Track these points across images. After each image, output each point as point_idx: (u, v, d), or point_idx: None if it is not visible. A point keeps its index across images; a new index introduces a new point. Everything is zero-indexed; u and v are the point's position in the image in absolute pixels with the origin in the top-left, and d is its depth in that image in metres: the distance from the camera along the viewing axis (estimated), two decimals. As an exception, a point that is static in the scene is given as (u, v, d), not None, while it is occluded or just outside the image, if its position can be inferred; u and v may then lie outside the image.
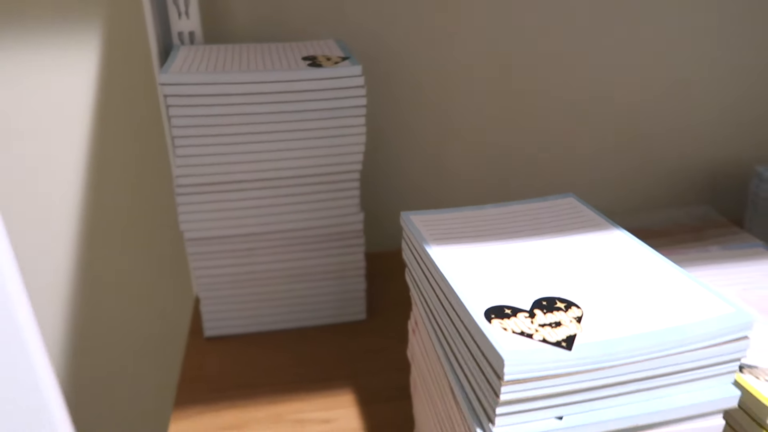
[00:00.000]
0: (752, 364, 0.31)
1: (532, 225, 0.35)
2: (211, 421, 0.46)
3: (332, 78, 0.46)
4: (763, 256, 0.41)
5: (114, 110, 0.61)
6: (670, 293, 0.28)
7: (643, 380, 0.26)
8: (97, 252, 0.66)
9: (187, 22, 0.56)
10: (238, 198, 0.49)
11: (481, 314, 0.27)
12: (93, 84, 0.59)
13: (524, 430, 0.25)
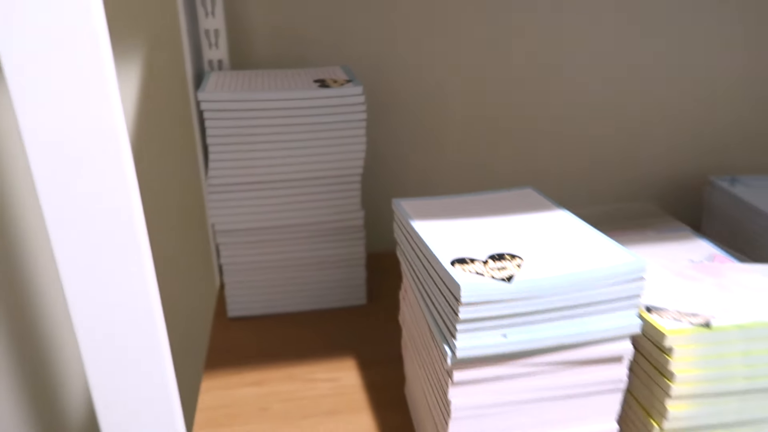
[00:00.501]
0: (660, 307, 0.40)
1: (495, 206, 0.45)
2: (236, 380, 0.55)
3: (338, 96, 0.57)
4: (689, 238, 0.50)
5: (156, 123, 0.71)
6: (590, 249, 0.38)
7: (566, 309, 0.35)
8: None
9: (216, 52, 0.67)
10: (259, 196, 0.59)
11: (448, 262, 0.36)
12: (141, 101, 0.70)
13: (477, 344, 0.35)
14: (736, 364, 0.38)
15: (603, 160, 0.82)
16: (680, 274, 0.44)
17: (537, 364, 0.36)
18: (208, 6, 0.65)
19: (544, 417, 0.39)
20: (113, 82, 0.25)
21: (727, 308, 0.39)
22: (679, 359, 0.38)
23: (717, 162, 0.86)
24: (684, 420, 0.39)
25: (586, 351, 0.37)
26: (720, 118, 0.83)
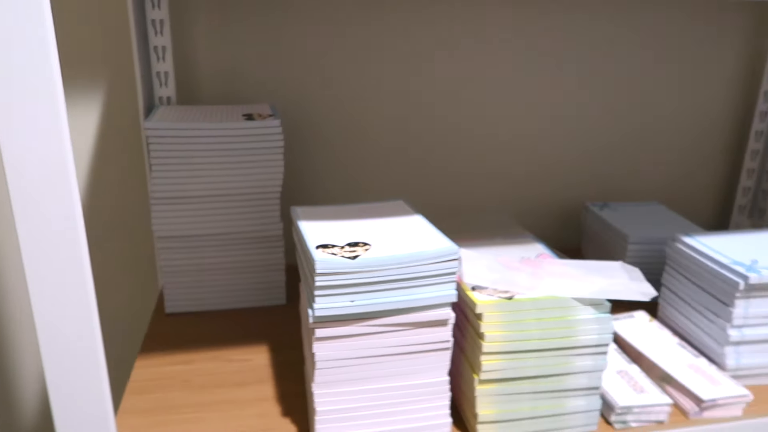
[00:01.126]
0: (482, 286, 0.52)
1: (368, 212, 0.58)
2: (165, 360, 0.66)
3: (259, 128, 0.70)
4: (528, 243, 0.64)
5: (113, 148, 0.83)
6: (422, 239, 0.50)
7: (398, 281, 0.48)
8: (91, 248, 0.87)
9: (166, 90, 0.80)
10: (193, 208, 0.71)
11: (314, 246, 0.49)
12: (102, 130, 0.82)
13: (331, 306, 0.47)
14: (532, 328, 0.51)
15: (501, 191, 0.96)
16: (508, 266, 0.57)
17: (379, 324, 0.49)
18: (160, 52, 0.78)
19: (389, 370, 0.51)
20: (64, 123, 0.38)
21: (532, 287, 0.52)
22: (488, 323, 0.50)
23: (604, 190, 1.00)
24: (495, 372, 0.51)
25: (416, 315, 0.49)
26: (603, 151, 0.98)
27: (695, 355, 0.64)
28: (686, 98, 0.99)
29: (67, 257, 0.41)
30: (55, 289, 0.41)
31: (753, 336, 0.61)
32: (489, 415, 0.53)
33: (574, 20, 0.90)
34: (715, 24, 0.95)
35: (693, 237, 0.69)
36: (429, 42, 0.87)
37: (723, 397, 0.57)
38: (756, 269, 0.60)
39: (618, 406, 0.56)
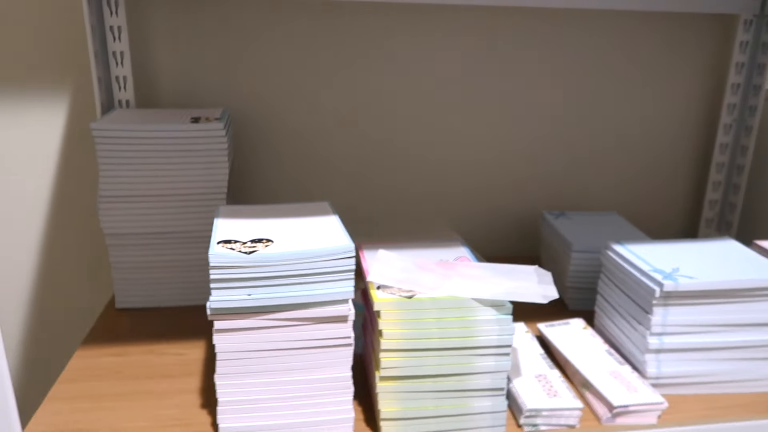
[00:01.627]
0: (387, 285, 0.54)
1: (289, 211, 0.59)
2: (102, 352, 0.68)
3: (202, 131, 0.72)
4: (454, 247, 0.64)
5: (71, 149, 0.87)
6: (325, 237, 0.52)
7: (295, 276, 0.49)
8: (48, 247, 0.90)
9: (125, 93, 0.83)
10: (140, 207, 0.74)
11: (216, 242, 0.51)
12: (67, 130, 0.86)
13: (227, 299, 0.49)
14: (432, 327, 0.52)
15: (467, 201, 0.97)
16: (421, 267, 0.58)
17: (278, 318, 0.50)
18: (118, 57, 0.82)
19: (292, 364, 0.52)
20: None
21: (435, 287, 0.53)
22: (386, 320, 0.51)
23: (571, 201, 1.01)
24: (395, 369, 0.52)
25: (314, 311, 0.50)
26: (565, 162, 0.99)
27: (620, 362, 0.64)
28: (651, 111, 0.99)
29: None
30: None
31: (673, 344, 0.61)
32: (391, 412, 0.54)
33: (543, 32, 0.91)
34: (679, 37, 0.96)
35: (623, 245, 0.69)
36: (387, 49, 0.89)
37: (636, 403, 0.57)
38: (673, 277, 0.60)
39: (526, 408, 0.56)
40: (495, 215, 1.00)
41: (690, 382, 0.62)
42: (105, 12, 0.80)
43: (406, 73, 0.91)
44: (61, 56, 0.83)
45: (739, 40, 0.95)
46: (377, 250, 0.61)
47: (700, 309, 0.60)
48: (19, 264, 0.90)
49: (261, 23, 0.86)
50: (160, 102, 0.88)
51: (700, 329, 0.61)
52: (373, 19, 0.88)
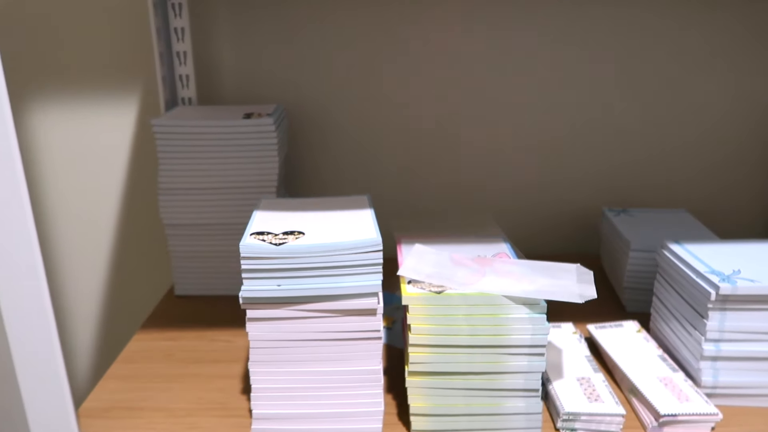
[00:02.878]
0: (418, 280, 0.53)
1: (327, 205, 0.60)
2: (157, 336, 0.72)
3: (253, 126, 0.74)
4: (496, 242, 0.63)
5: (138, 145, 0.92)
6: (355, 231, 0.52)
7: (323, 269, 0.50)
8: (117, 238, 0.96)
9: (187, 91, 0.87)
10: (197, 199, 0.77)
11: (249, 234, 0.52)
12: (137, 128, 0.91)
13: (258, 289, 0.50)
14: (461, 323, 0.51)
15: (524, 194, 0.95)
16: (457, 262, 0.57)
17: (307, 309, 0.51)
18: (182, 56, 0.86)
19: (322, 354, 0.53)
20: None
21: (467, 283, 0.52)
22: (414, 315, 0.51)
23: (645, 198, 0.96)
24: (423, 365, 0.52)
25: (342, 303, 0.51)
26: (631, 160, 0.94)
27: (673, 369, 0.60)
28: (729, 99, 0.92)
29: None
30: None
31: (730, 352, 0.56)
32: (421, 408, 0.53)
33: (609, 18, 0.87)
34: (762, 19, 0.88)
35: (681, 244, 0.64)
36: (438, 45, 0.88)
37: (686, 413, 0.54)
38: (731, 280, 0.55)
39: (563, 411, 0.54)
40: (554, 211, 0.96)
41: (749, 393, 0.57)
42: (170, 14, 0.84)
43: (456, 66, 0.89)
44: (130, 57, 0.89)
45: (833, 22, 0.86)
46: (415, 244, 0.61)
47: (762, 315, 0.55)
48: (92, 254, 0.97)
49: (316, 22, 0.87)
50: (221, 99, 0.91)
51: (761, 336, 0.56)
52: (423, 11, 0.87)
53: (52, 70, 0.89)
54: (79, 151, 0.92)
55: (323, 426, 0.54)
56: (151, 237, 0.97)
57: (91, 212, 0.95)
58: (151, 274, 0.98)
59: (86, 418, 0.57)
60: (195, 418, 0.58)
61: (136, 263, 0.98)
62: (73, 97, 0.90)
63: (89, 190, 0.94)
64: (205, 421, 0.57)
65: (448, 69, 0.89)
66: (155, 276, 0.98)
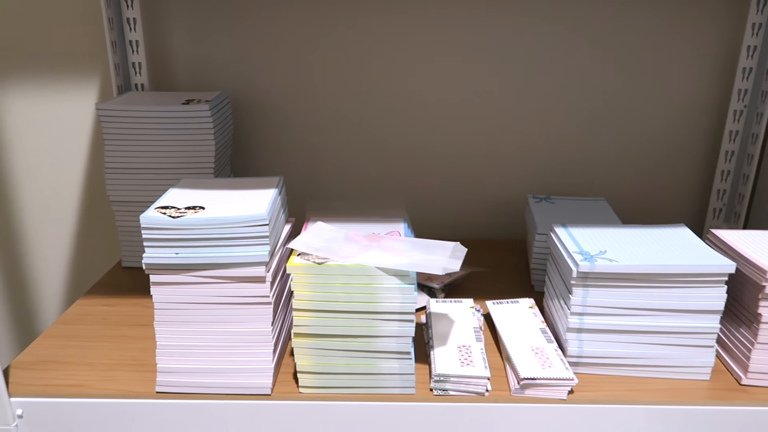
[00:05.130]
0: (307, 252, 0.59)
1: (234, 185, 0.66)
2: (97, 302, 0.79)
3: (189, 111, 0.81)
4: (395, 222, 0.69)
5: (92, 126, 0.99)
6: (250, 206, 0.58)
7: (215, 239, 0.56)
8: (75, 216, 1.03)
9: (140, 78, 0.94)
10: (141, 178, 0.84)
11: (154, 207, 0.58)
12: (94, 111, 0.98)
13: (158, 256, 0.56)
14: (339, 291, 0.57)
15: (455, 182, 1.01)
16: (350, 238, 0.63)
17: (203, 276, 0.58)
18: (134, 45, 0.92)
19: (218, 317, 0.59)
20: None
21: (349, 257, 0.58)
22: (297, 282, 0.57)
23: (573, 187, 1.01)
24: (306, 327, 0.58)
25: (233, 271, 0.57)
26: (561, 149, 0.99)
27: (549, 340, 0.66)
28: (658, 96, 0.96)
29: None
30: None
31: (593, 325, 0.62)
32: (306, 366, 0.60)
33: (536, 17, 0.92)
34: (689, 19, 0.92)
35: (565, 228, 0.70)
36: (392, 41, 0.94)
37: (544, 377, 0.60)
38: (593, 259, 0.61)
39: (435, 373, 0.60)
40: (488, 199, 1.02)
41: (611, 363, 0.63)
42: (122, 5, 0.91)
43: (390, 58, 0.95)
44: (90, 46, 0.95)
45: (751, 22, 0.90)
46: (318, 222, 0.67)
47: (620, 292, 0.61)
48: (53, 228, 1.04)
49: (267, 12, 0.93)
50: (175, 86, 0.98)
51: (619, 311, 0.61)
52: (357, 6, 0.92)
53: (17, 59, 0.95)
54: (43, 133, 0.99)
55: (220, 380, 0.60)
56: (107, 213, 1.04)
57: (55, 189, 1.02)
58: (105, 246, 1.06)
59: (16, 369, 0.65)
60: (113, 372, 0.65)
61: (93, 237, 1.05)
62: (37, 83, 0.97)
63: (53, 169, 1.01)
64: (121, 374, 0.64)
65: (380, 61, 0.95)
66: (110, 249, 1.05)
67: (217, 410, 0.61)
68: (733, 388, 0.62)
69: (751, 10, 0.89)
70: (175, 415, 0.61)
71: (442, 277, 0.82)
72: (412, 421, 0.60)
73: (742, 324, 0.63)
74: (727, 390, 0.62)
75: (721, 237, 0.67)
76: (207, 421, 0.61)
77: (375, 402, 0.60)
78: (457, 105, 0.97)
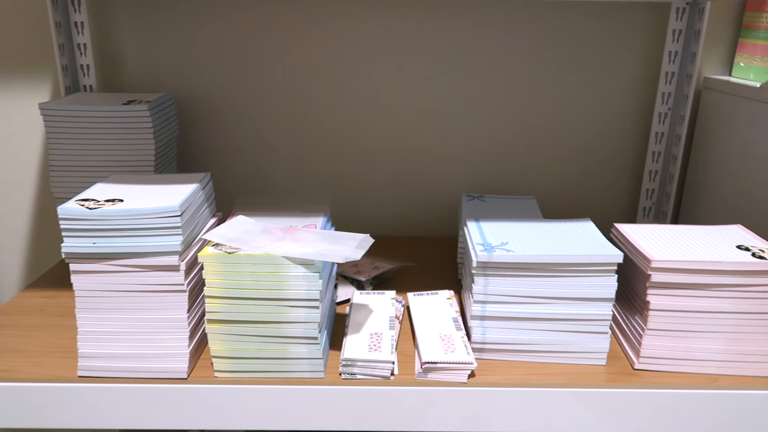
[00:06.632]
0: (221, 243, 0.63)
1: (157, 180, 0.70)
2: (40, 293, 0.82)
3: (129, 112, 0.84)
4: (315, 217, 0.72)
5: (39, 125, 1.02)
6: (165, 199, 0.62)
7: (129, 230, 0.60)
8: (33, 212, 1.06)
9: (88, 79, 0.97)
10: (84, 176, 0.87)
11: (74, 200, 0.62)
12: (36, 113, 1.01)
13: (76, 245, 0.60)
14: (248, 279, 0.61)
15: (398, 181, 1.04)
16: (266, 231, 0.66)
17: (120, 264, 0.61)
18: (82, 48, 0.96)
19: (135, 304, 0.62)
20: None
21: (260, 247, 0.62)
22: (209, 271, 0.61)
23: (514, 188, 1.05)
24: (218, 314, 0.61)
25: (148, 260, 0.61)
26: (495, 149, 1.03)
27: (458, 328, 0.69)
28: (589, 100, 1.01)
29: None
30: None
31: (494, 312, 0.66)
32: (220, 351, 0.63)
33: (477, 23, 0.96)
34: (614, 25, 0.97)
35: (477, 222, 0.74)
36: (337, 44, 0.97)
37: (444, 361, 0.63)
38: (492, 249, 0.65)
39: (343, 357, 0.64)
40: (431, 199, 1.06)
41: (513, 349, 0.67)
42: (70, 9, 0.94)
43: (334, 60, 0.99)
44: (41, 48, 0.98)
45: (672, 29, 0.95)
46: (239, 215, 0.70)
47: (518, 281, 0.65)
48: (7, 224, 1.07)
49: (215, 15, 0.97)
50: (125, 87, 1.01)
51: (518, 299, 0.65)
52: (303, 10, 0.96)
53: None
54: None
55: (138, 364, 0.64)
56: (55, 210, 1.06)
57: (8, 187, 1.05)
58: (52, 242, 1.09)
59: (-52, 355, 0.68)
60: (41, 358, 0.68)
61: (40, 233, 1.08)
62: (-11, 83, 1.00)
63: (5, 168, 1.04)
64: (49, 360, 0.67)
65: (325, 62, 0.99)
66: (57, 245, 1.08)
67: (136, 393, 0.64)
68: (627, 372, 0.66)
69: (672, 17, 0.94)
70: (95, 398, 0.64)
71: (370, 270, 0.85)
72: (321, 403, 0.64)
73: (636, 311, 0.67)
74: (620, 374, 0.66)
75: (621, 230, 0.71)
76: (127, 404, 0.64)
77: (285, 386, 0.63)
78: (400, 106, 1.01)
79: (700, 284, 0.63)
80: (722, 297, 0.63)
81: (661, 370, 0.66)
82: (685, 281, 0.63)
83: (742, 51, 0.95)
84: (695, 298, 0.63)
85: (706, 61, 0.99)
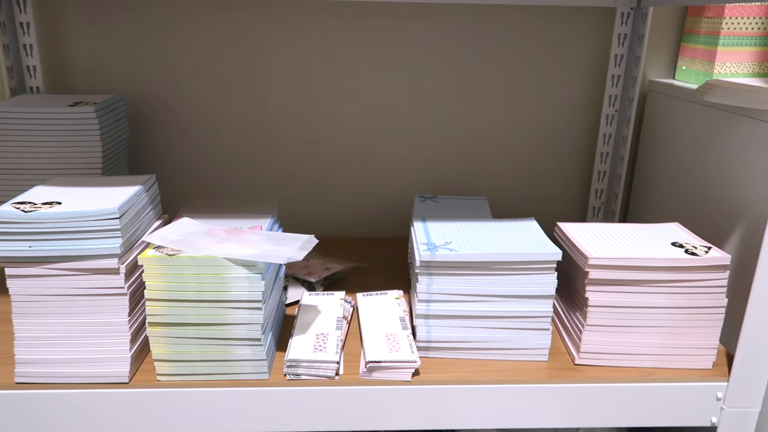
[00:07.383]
0: (161, 245, 0.62)
1: (100, 182, 0.69)
2: None
3: (74, 113, 0.83)
4: (262, 218, 0.72)
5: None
6: (105, 201, 0.61)
7: (65, 233, 0.59)
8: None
9: (35, 81, 0.95)
10: (31, 178, 0.85)
11: (9, 204, 0.61)
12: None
13: (11, 249, 0.59)
14: (190, 281, 0.60)
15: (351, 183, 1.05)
16: (210, 233, 0.66)
17: (57, 268, 0.60)
18: (28, 49, 0.94)
19: (74, 308, 0.61)
20: None
21: (202, 249, 0.61)
22: (149, 273, 0.60)
23: (466, 188, 1.06)
24: (159, 317, 0.61)
25: (86, 263, 0.60)
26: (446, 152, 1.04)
27: (404, 327, 0.70)
28: (540, 102, 1.03)
29: None
30: None
31: (438, 311, 0.67)
32: (162, 354, 0.63)
33: (428, 26, 0.97)
34: (563, 30, 0.99)
35: (424, 222, 0.75)
36: (289, 45, 0.97)
37: (388, 360, 0.64)
38: (435, 249, 0.66)
39: (287, 358, 0.64)
40: (384, 201, 1.06)
41: (458, 347, 0.68)
42: (15, 10, 0.92)
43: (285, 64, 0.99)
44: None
45: (617, 33, 0.97)
46: (184, 217, 0.70)
47: (460, 279, 0.66)
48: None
49: (165, 16, 0.96)
50: (74, 89, 0.99)
51: (461, 298, 0.66)
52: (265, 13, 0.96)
53: None
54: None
55: (79, 369, 0.63)
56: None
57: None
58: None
59: None
60: (-21, 365, 0.66)
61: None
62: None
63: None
64: (-14, 367, 0.66)
65: (278, 65, 0.99)
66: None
67: (76, 399, 0.63)
68: (568, 368, 0.68)
69: (617, 22, 0.97)
70: (34, 405, 0.63)
71: (320, 271, 0.85)
72: (265, 405, 0.64)
73: (576, 308, 0.69)
74: (561, 369, 0.67)
75: (563, 229, 0.73)
76: (67, 410, 0.63)
77: (229, 387, 0.63)
78: (353, 108, 1.01)
79: (636, 280, 0.65)
80: (657, 293, 0.65)
81: (601, 365, 0.67)
82: (621, 278, 0.64)
83: (684, 55, 0.98)
84: (631, 294, 0.65)
85: (650, 65, 1.01)
